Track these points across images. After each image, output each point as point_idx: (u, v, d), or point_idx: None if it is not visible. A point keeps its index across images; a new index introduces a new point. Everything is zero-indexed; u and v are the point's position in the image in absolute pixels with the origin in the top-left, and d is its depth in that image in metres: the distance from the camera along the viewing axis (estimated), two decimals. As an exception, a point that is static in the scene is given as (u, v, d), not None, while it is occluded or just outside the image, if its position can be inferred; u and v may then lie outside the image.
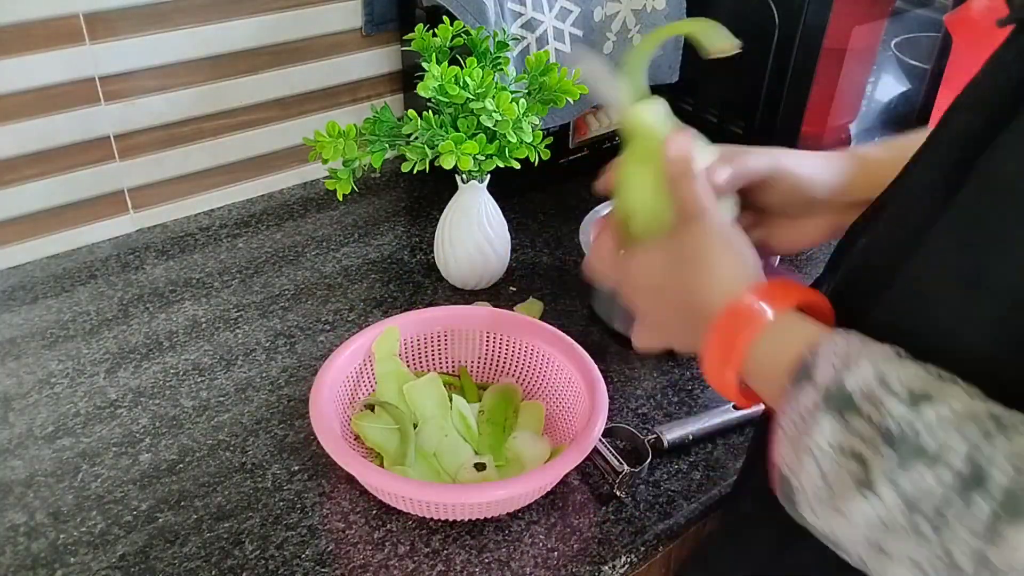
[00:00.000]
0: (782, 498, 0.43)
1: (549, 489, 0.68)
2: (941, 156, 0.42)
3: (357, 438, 0.70)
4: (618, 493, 0.68)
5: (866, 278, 0.46)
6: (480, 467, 0.68)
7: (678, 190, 0.52)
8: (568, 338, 0.74)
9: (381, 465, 0.68)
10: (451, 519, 0.65)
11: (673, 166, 0.52)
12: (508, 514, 0.66)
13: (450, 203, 0.87)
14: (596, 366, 0.71)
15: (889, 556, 0.37)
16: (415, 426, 0.71)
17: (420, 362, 0.77)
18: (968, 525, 0.34)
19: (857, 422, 0.38)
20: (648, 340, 0.54)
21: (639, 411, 0.76)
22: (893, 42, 1.12)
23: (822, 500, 0.40)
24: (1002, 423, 0.35)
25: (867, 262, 0.47)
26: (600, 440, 0.68)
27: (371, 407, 0.72)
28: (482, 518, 0.65)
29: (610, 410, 0.76)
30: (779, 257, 0.80)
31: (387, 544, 0.64)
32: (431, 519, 0.65)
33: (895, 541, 0.37)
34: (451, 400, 0.73)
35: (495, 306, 0.85)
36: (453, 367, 0.78)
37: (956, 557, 0.34)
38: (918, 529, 0.35)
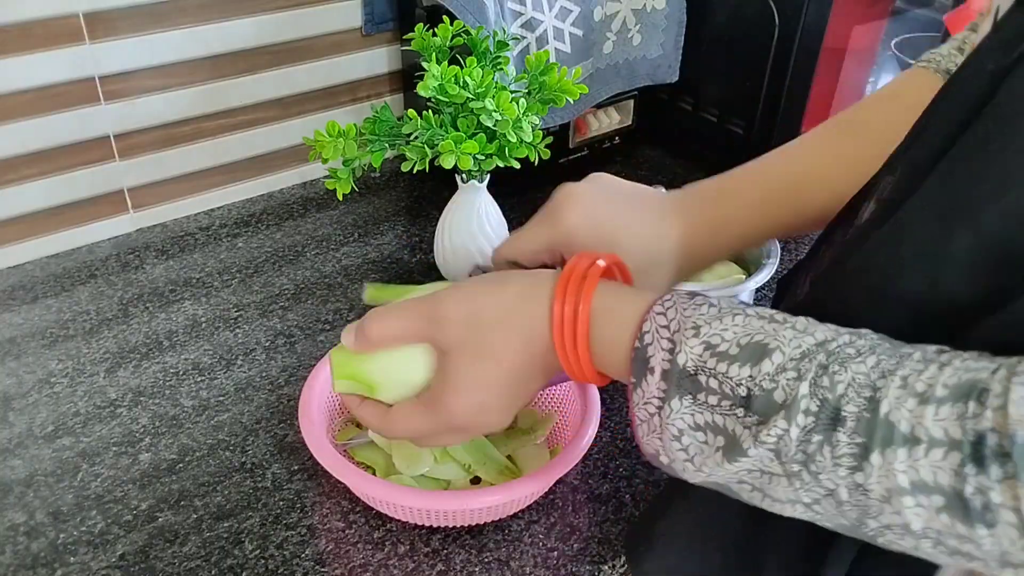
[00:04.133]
0: (665, 471, 0.45)
1: (548, 489, 0.68)
2: (928, 144, 0.42)
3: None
4: None
5: (847, 265, 0.47)
6: (476, 481, 0.68)
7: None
8: None
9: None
10: (448, 525, 0.65)
11: (362, 339, 0.54)
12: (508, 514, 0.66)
13: (450, 203, 0.87)
14: None
15: (778, 500, 0.39)
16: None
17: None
18: (837, 461, 0.35)
19: (707, 396, 0.40)
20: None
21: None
22: (893, 42, 1.12)
23: (701, 472, 0.41)
24: (830, 351, 0.37)
25: (844, 247, 0.48)
26: None
27: (357, 424, 0.71)
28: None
29: (609, 410, 0.76)
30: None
31: (387, 544, 0.64)
32: (431, 519, 0.65)
33: (776, 487, 0.39)
34: None
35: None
36: None
37: (836, 492, 0.36)
38: (793, 473, 0.37)
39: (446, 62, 0.78)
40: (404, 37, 0.84)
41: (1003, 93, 0.37)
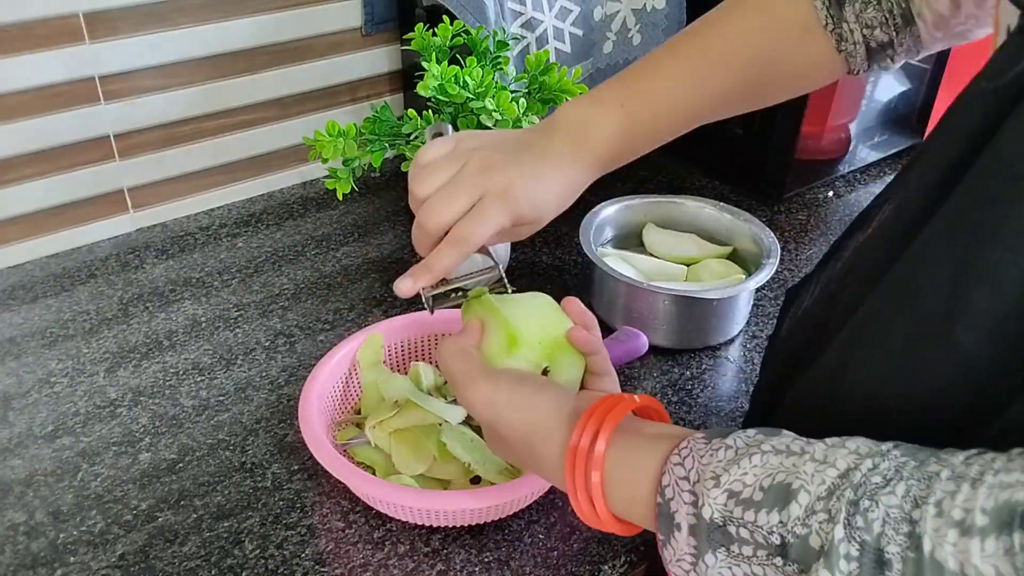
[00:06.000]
0: None
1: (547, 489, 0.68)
2: (941, 154, 0.42)
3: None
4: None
5: (859, 274, 0.46)
6: (475, 481, 0.68)
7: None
8: None
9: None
10: (448, 525, 0.65)
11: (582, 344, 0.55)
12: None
13: (450, 203, 0.87)
14: None
15: None
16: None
17: (407, 368, 0.76)
18: None
19: (741, 547, 0.38)
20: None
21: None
22: (893, 42, 1.12)
23: None
24: (856, 484, 0.35)
25: (860, 258, 0.47)
26: None
27: (357, 424, 0.71)
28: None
29: (610, 410, 0.76)
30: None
31: (387, 543, 0.64)
32: (431, 518, 0.65)
33: None
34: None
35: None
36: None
37: None
38: None
39: (446, 62, 0.78)
40: (404, 37, 0.84)
41: (1005, 141, 0.36)
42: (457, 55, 0.81)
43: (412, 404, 0.68)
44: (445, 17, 0.85)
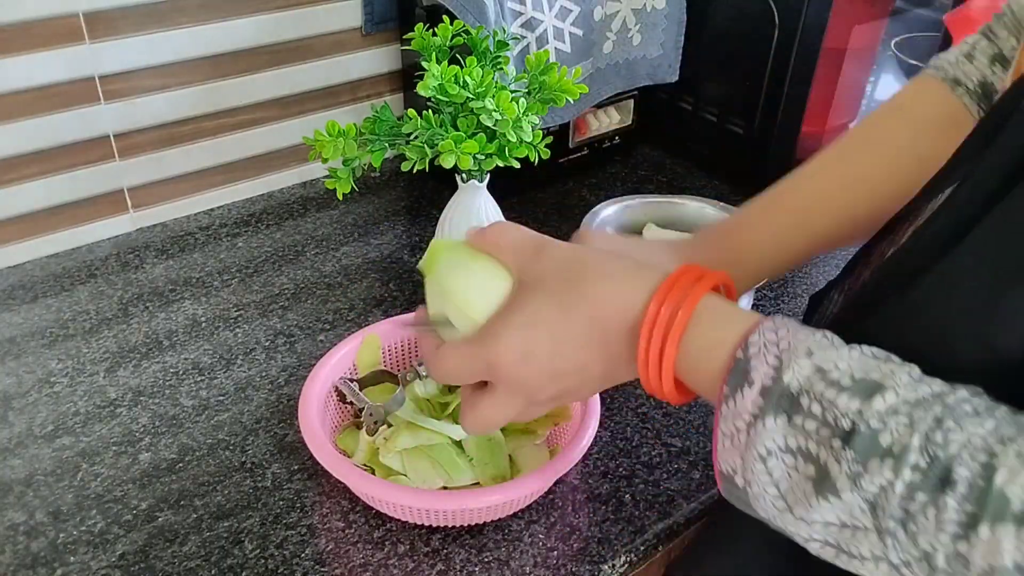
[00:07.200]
0: (734, 501, 0.42)
1: (547, 489, 0.68)
2: (992, 171, 0.42)
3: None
4: None
5: (883, 285, 0.45)
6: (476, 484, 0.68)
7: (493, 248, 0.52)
8: None
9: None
10: (448, 525, 0.65)
11: (477, 238, 0.52)
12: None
13: (450, 203, 0.87)
14: None
15: (856, 556, 0.37)
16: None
17: (406, 367, 0.76)
18: (941, 525, 0.33)
19: (805, 421, 0.37)
20: (500, 418, 0.50)
21: (639, 411, 0.76)
22: (893, 42, 1.12)
23: (779, 507, 0.39)
24: (948, 404, 0.35)
25: (886, 269, 0.47)
26: None
27: (356, 425, 0.71)
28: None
29: (609, 409, 0.76)
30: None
31: (387, 543, 0.64)
32: (431, 518, 0.65)
33: (861, 542, 0.36)
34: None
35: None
36: None
37: (932, 557, 0.34)
38: (886, 530, 0.35)
39: (446, 62, 0.78)
40: (404, 37, 0.84)
41: None
42: (457, 55, 0.81)
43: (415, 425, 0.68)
44: (445, 17, 0.85)
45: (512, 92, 0.77)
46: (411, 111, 0.77)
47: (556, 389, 0.48)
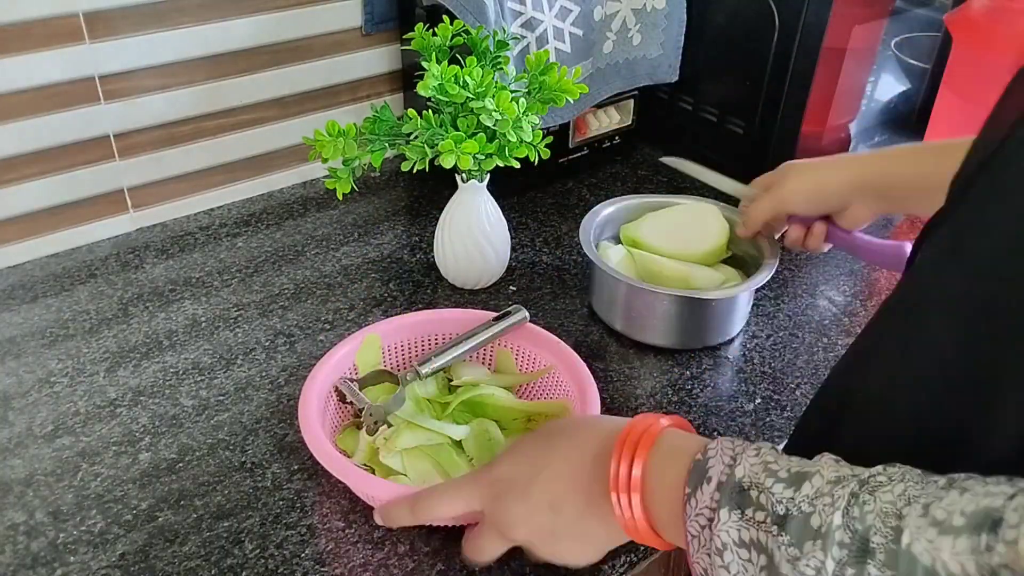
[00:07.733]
0: None
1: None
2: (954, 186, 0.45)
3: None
4: None
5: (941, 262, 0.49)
6: None
7: None
8: (556, 338, 0.73)
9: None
10: (448, 525, 0.65)
11: None
12: (508, 513, 0.66)
13: (450, 202, 0.87)
14: (586, 366, 0.70)
15: None
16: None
17: (406, 368, 0.76)
18: None
19: (755, 512, 0.40)
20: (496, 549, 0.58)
21: (639, 411, 0.76)
22: (893, 42, 1.12)
23: None
24: (862, 479, 0.37)
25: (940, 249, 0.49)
26: None
27: (356, 425, 0.71)
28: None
29: (609, 409, 0.76)
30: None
31: (387, 543, 0.64)
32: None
33: None
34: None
35: (495, 306, 0.84)
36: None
37: None
38: None
39: (446, 62, 0.78)
40: (404, 37, 0.84)
41: (997, 160, 0.38)
42: (457, 55, 0.81)
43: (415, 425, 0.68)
44: (445, 17, 0.85)
45: (512, 92, 0.77)
46: (411, 111, 0.77)
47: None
